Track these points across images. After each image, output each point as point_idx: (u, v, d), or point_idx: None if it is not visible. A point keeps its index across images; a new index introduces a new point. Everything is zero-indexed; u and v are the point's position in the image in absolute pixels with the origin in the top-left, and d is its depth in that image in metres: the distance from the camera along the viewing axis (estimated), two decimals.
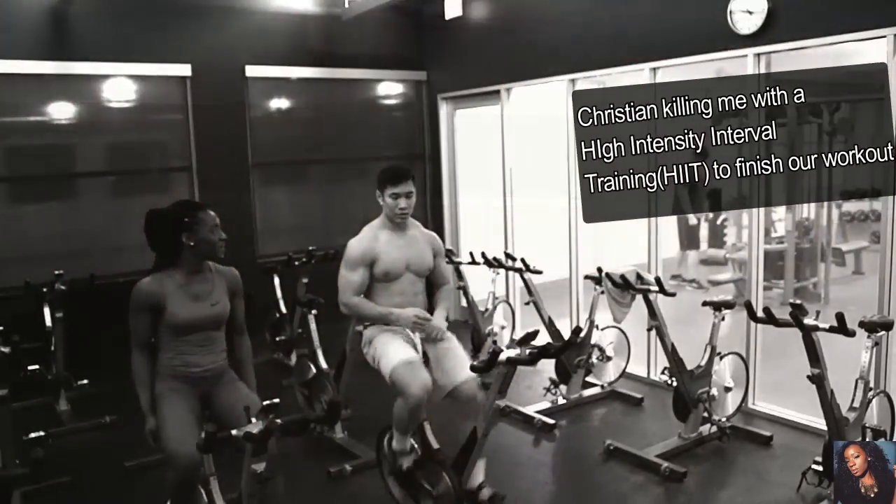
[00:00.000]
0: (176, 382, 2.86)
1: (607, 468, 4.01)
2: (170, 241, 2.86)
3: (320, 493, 3.85)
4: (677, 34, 4.84)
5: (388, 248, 3.32)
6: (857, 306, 4.63)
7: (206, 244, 2.86)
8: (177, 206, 2.96)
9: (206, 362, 2.90)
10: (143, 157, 6.25)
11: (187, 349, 2.87)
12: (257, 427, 2.44)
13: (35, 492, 3.62)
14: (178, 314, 2.81)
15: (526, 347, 2.96)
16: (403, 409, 3.11)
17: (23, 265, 5.50)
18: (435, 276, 3.49)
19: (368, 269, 3.32)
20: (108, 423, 4.66)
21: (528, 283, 5.19)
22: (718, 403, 4.22)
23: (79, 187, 6.03)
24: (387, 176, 3.33)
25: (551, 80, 5.87)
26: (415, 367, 3.14)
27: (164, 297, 2.81)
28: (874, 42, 3.94)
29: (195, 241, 2.84)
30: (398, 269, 3.33)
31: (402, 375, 3.11)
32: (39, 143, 5.81)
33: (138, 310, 2.82)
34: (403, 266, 3.34)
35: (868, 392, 3.42)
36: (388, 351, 3.23)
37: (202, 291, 2.88)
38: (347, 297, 3.32)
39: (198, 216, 2.87)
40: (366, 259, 3.31)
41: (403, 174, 3.34)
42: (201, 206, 2.94)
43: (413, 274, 3.37)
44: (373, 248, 3.32)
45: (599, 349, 4.99)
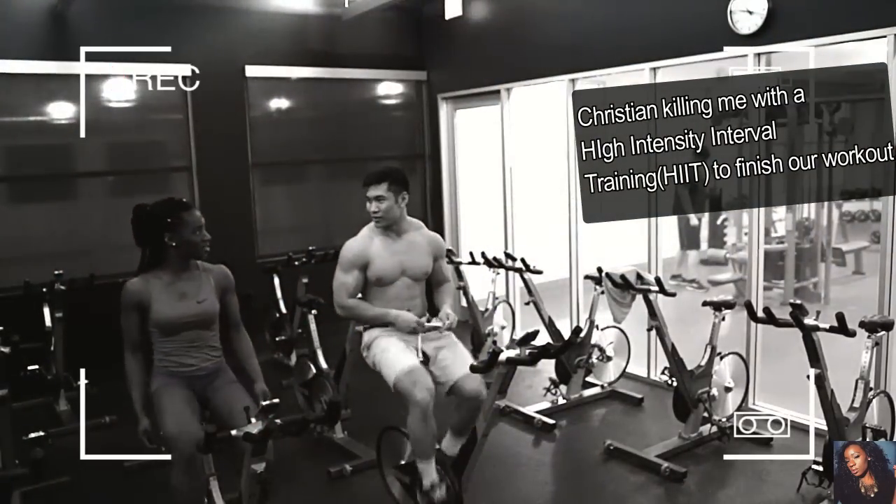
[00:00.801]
0: (172, 379, 2.87)
1: (607, 468, 4.01)
2: (154, 239, 2.86)
3: (320, 493, 3.85)
4: (677, 34, 4.84)
5: (382, 252, 3.30)
6: (858, 306, 4.62)
7: (189, 245, 2.85)
8: (161, 205, 2.92)
9: (196, 361, 2.90)
10: (142, 157, 6.24)
11: (176, 348, 2.88)
12: (257, 427, 2.44)
13: (35, 492, 3.61)
14: (163, 313, 2.82)
15: (526, 347, 2.95)
16: (416, 417, 3.07)
17: (22, 265, 5.50)
18: (434, 276, 3.47)
19: (362, 272, 3.30)
20: (107, 423, 4.65)
21: (528, 283, 5.19)
22: (719, 403, 4.22)
23: (78, 187, 6.02)
24: (364, 179, 3.34)
25: (551, 80, 5.86)
26: (416, 374, 3.11)
27: (150, 297, 2.82)
28: (875, 42, 3.93)
29: (178, 242, 2.83)
30: (392, 275, 3.30)
31: (406, 385, 3.09)
32: (39, 143, 5.80)
33: (127, 310, 2.83)
34: (398, 271, 3.31)
35: (868, 392, 3.42)
36: (388, 358, 3.20)
37: (188, 290, 2.88)
38: (342, 298, 3.30)
39: (181, 217, 2.84)
40: (358, 262, 3.29)
41: (372, 177, 3.31)
42: (185, 206, 2.91)
43: (409, 278, 3.34)
44: (366, 252, 3.30)
45: (599, 349, 4.99)
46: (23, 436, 3.58)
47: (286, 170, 6.99)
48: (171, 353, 2.88)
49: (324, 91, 7.02)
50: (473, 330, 5.57)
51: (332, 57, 6.89)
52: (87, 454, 3.02)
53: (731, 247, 7.50)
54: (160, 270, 2.87)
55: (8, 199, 5.75)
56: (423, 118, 7.50)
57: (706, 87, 3.73)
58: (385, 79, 7.32)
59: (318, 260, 5.87)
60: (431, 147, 7.50)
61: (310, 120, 7.05)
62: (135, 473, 3.88)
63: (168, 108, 6.20)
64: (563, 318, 5.65)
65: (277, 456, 2.76)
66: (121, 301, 2.83)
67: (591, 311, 4.89)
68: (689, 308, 4.90)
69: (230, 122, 6.40)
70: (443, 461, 3.16)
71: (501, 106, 6.43)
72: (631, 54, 5.12)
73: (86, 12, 5.70)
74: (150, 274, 2.87)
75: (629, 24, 5.21)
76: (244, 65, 6.42)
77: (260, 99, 6.68)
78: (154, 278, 2.86)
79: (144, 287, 2.83)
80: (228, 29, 6.34)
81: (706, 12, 4.63)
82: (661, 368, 4.38)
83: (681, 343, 4.25)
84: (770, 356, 4.67)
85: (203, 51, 5.95)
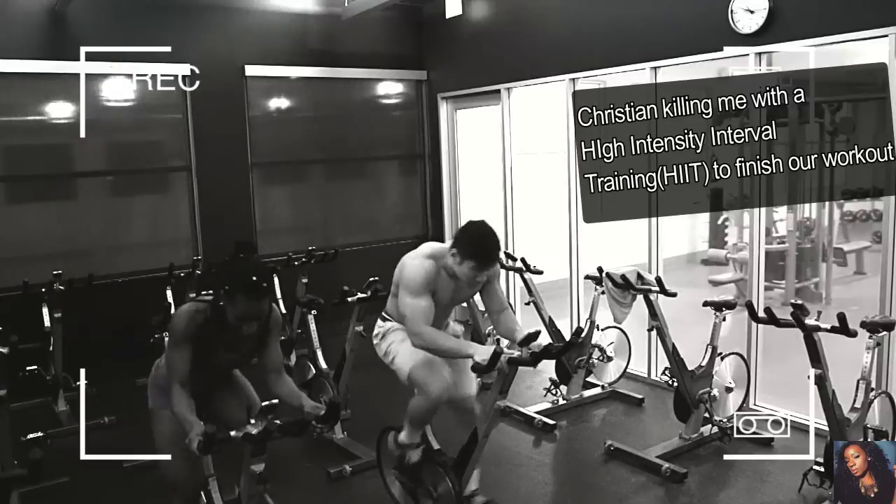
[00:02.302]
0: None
1: (608, 469, 4.00)
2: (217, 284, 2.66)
3: (320, 493, 3.84)
4: (678, 33, 4.83)
5: (444, 286, 3.10)
6: (859, 306, 4.62)
7: (229, 324, 2.63)
8: (235, 266, 2.67)
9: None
10: (142, 157, 6.24)
11: None
12: (257, 428, 2.43)
13: (34, 493, 3.60)
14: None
15: (527, 348, 2.94)
16: (423, 404, 3.06)
17: (21, 265, 5.49)
18: (490, 301, 3.24)
19: (432, 298, 3.04)
20: (107, 424, 4.65)
21: (528, 283, 5.18)
22: (719, 404, 4.22)
23: (77, 187, 6.01)
24: (477, 253, 2.93)
25: (551, 80, 5.86)
26: (435, 367, 3.04)
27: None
28: (876, 42, 3.93)
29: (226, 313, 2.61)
30: (442, 305, 3.15)
31: (423, 375, 3.03)
32: (38, 143, 5.79)
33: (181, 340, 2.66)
34: (447, 303, 3.18)
35: (870, 392, 3.41)
36: (405, 348, 3.11)
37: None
38: (420, 325, 2.94)
39: (235, 298, 2.56)
40: (430, 287, 3.02)
41: (494, 258, 3.00)
42: (252, 290, 2.56)
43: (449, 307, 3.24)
44: (435, 281, 3.04)
45: (600, 349, 4.98)
46: (21, 436, 3.58)
47: (286, 170, 6.98)
48: None
49: (324, 91, 7.01)
50: (473, 330, 5.56)
51: (332, 56, 6.88)
52: (86, 454, 3.00)
53: (731, 247, 7.49)
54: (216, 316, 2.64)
55: (7, 199, 5.74)
56: (423, 118, 7.49)
57: (706, 87, 3.72)
58: (385, 78, 7.31)
59: (317, 260, 5.86)
60: (431, 147, 7.49)
61: (310, 119, 7.04)
62: (134, 473, 3.87)
63: (168, 108, 6.19)
64: (564, 318, 5.64)
65: (278, 456, 2.75)
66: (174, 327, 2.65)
67: (592, 312, 4.88)
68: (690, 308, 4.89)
69: (230, 122, 6.39)
70: (443, 461, 3.16)
71: (502, 106, 6.42)
72: (631, 54, 5.12)
73: (85, 12, 5.69)
74: (208, 307, 2.65)
75: (629, 24, 5.20)
76: (244, 64, 6.41)
77: (260, 98, 6.67)
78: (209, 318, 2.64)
79: (200, 320, 2.63)
80: (228, 29, 6.34)
81: (706, 12, 4.62)
82: (662, 369, 4.37)
83: (681, 343, 4.24)
84: (771, 356, 4.66)
85: (203, 50, 5.95)
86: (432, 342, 2.94)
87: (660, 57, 4.92)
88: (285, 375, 2.83)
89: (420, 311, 2.95)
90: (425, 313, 2.96)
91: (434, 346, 2.94)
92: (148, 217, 6.26)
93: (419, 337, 2.95)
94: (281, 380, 2.80)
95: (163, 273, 5.31)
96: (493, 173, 6.66)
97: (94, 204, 6.02)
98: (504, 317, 3.20)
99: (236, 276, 2.58)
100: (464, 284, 3.09)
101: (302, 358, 4.93)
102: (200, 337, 2.62)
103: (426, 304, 2.97)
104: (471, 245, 2.94)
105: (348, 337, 4.31)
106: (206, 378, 2.75)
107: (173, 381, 2.60)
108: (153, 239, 6.21)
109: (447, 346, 2.94)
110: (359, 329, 4.27)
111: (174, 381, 2.60)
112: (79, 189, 6.01)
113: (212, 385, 2.83)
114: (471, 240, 2.96)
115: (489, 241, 2.97)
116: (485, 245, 2.96)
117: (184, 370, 2.60)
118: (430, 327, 2.97)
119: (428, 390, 3.02)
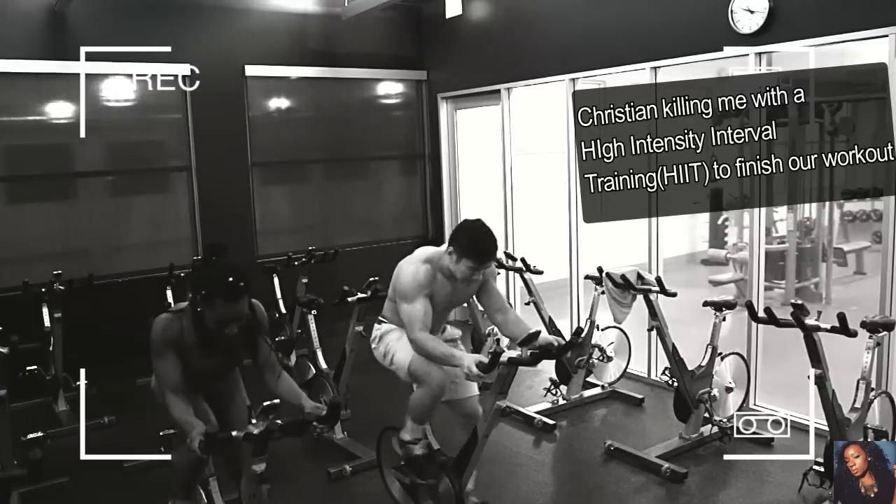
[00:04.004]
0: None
1: (608, 469, 4.00)
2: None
3: (320, 493, 3.84)
4: (678, 33, 4.83)
5: (440, 289, 3.12)
6: (859, 306, 4.62)
7: (209, 328, 2.62)
8: (211, 270, 2.66)
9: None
10: (142, 157, 6.23)
11: None
12: (257, 428, 2.43)
13: (34, 493, 3.60)
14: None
15: (527, 348, 2.94)
16: (426, 395, 3.06)
17: (21, 265, 5.49)
18: (491, 302, 3.26)
19: (429, 301, 3.06)
20: (107, 424, 4.65)
21: (528, 283, 5.18)
22: (719, 404, 4.22)
23: (77, 187, 6.01)
24: (474, 250, 2.95)
25: (551, 79, 5.86)
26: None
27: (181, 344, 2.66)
28: (876, 42, 3.93)
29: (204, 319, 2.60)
30: (439, 308, 3.16)
31: (423, 367, 3.03)
32: (38, 143, 5.79)
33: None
34: (445, 305, 3.19)
35: (870, 392, 3.41)
36: (404, 344, 3.12)
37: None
38: (416, 332, 2.97)
39: (213, 301, 2.54)
40: (425, 290, 3.04)
41: (491, 255, 3.03)
42: (230, 291, 2.54)
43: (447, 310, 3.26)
44: (431, 285, 3.07)
45: (600, 349, 4.98)
46: (21, 436, 3.57)
47: (286, 169, 6.98)
48: None
49: (324, 90, 7.01)
50: (473, 330, 5.57)
51: (332, 56, 6.88)
52: (86, 454, 3.00)
53: (731, 247, 7.50)
54: (194, 323, 2.62)
55: (7, 199, 5.73)
56: (423, 118, 7.49)
57: (706, 87, 3.73)
58: (385, 78, 7.31)
59: (317, 260, 5.86)
60: (431, 147, 7.49)
61: (310, 119, 7.04)
62: (134, 473, 3.87)
63: (168, 108, 6.19)
64: (564, 318, 5.64)
65: (278, 456, 2.75)
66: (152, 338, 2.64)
67: (592, 312, 4.88)
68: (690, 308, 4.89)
69: (230, 122, 6.39)
70: (443, 461, 3.16)
71: (501, 106, 6.42)
72: (631, 54, 5.12)
73: (85, 12, 5.69)
74: (184, 316, 2.64)
75: (629, 24, 5.20)
76: (244, 64, 6.41)
77: (260, 98, 6.67)
78: (186, 327, 2.62)
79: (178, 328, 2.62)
80: (228, 29, 6.34)
81: (706, 12, 4.62)
82: (662, 369, 4.37)
83: (681, 343, 4.24)
84: (771, 356, 4.66)
85: (203, 50, 5.95)
86: (425, 348, 2.96)
87: (660, 57, 4.92)
88: (284, 373, 2.83)
89: (417, 316, 2.97)
90: (422, 318, 2.98)
91: (427, 350, 2.96)
92: (148, 217, 6.25)
93: (415, 343, 2.99)
94: (279, 378, 2.80)
95: (163, 273, 5.30)
96: (493, 173, 6.66)
97: (95, 204, 6.02)
98: (510, 318, 3.22)
99: (211, 279, 2.57)
100: (461, 286, 3.10)
101: (302, 358, 4.93)
102: (180, 344, 2.61)
103: (423, 309, 2.99)
104: (468, 243, 2.96)
105: (348, 337, 4.32)
106: (202, 383, 2.76)
107: (166, 390, 2.60)
108: (153, 239, 6.21)
109: (439, 352, 2.94)
110: (359, 329, 4.27)
111: (167, 391, 2.60)
112: (79, 189, 6.01)
113: (210, 388, 2.83)
114: (467, 238, 2.98)
115: (486, 238, 2.99)
116: (482, 242, 2.97)
117: (174, 378, 2.60)
118: (426, 333, 2.98)
119: (429, 380, 3.03)
